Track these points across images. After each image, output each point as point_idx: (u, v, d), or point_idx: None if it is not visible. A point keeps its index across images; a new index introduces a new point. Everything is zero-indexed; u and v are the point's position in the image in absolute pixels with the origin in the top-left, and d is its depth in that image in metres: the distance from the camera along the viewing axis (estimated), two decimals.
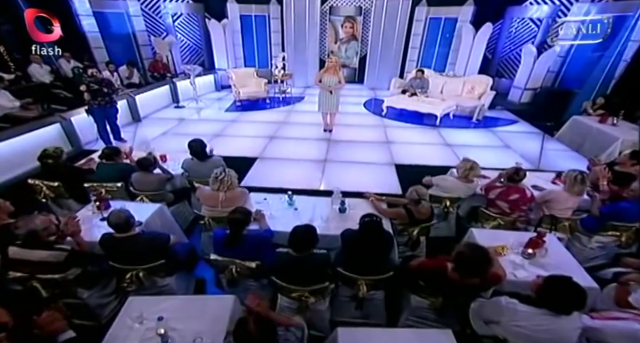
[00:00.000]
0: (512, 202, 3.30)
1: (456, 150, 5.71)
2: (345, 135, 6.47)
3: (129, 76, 8.52)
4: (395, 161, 5.27)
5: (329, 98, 6.19)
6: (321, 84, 6.10)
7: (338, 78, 6.01)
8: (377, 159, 5.36)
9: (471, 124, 7.23)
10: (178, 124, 7.06)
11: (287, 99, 9.24)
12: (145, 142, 4.56)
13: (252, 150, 5.69)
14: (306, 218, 3.21)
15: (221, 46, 10.30)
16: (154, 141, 6.04)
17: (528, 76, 8.45)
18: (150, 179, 3.67)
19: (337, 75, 6.01)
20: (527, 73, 8.49)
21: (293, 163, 5.23)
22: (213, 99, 9.20)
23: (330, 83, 6.02)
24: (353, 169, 5.04)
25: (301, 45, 10.51)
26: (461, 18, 9.85)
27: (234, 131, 6.67)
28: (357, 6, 11.18)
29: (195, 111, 8.07)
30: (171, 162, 4.41)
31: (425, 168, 5.06)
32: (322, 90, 6.20)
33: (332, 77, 6.00)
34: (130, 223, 2.52)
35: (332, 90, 6.06)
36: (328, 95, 6.15)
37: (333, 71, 5.98)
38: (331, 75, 6.00)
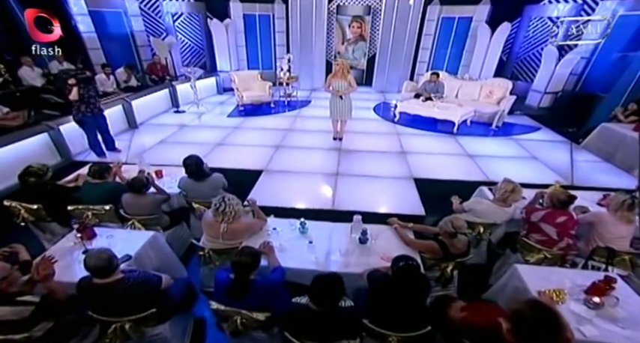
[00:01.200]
0: (560, 226, 2.84)
1: (479, 162, 5.25)
2: (356, 143, 6.02)
3: (126, 80, 8.09)
4: (413, 174, 4.82)
5: (339, 104, 5.75)
6: (331, 89, 5.67)
7: (347, 81, 5.56)
8: (393, 173, 4.91)
9: (490, 132, 6.76)
10: (178, 131, 6.62)
11: (293, 103, 8.80)
12: (139, 158, 4.10)
13: (257, 161, 5.25)
14: (321, 251, 2.77)
15: (223, 47, 9.87)
16: (151, 151, 5.63)
17: (549, 78, 7.97)
18: (143, 202, 3.24)
19: (346, 78, 5.56)
20: (548, 75, 8.01)
21: (302, 177, 4.79)
22: (215, 104, 8.77)
23: (340, 88, 5.59)
24: (368, 184, 4.59)
25: (307, 46, 10.06)
26: (476, 17, 9.38)
27: (237, 139, 6.23)
28: (365, 5, 10.72)
29: (195, 116, 7.63)
30: (167, 178, 3.98)
31: (447, 184, 4.62)
32: (332, 96, 5.76)
33: (341, 81, 5.56)
34: (112, 267, 2.08)
35: (342, 96, 5.62)
36: (338, 101, 5.71)
37: (340, 75, 5.54)
38: (339, 79, 5.56)
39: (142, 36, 9.71)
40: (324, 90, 10.65)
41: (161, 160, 5.12)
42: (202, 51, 11.15)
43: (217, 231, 2.73)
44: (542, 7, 8.98)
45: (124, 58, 9.01)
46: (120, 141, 5.96)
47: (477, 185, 4.51)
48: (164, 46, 9.40)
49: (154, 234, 2.98)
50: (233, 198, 2.71)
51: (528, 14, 9.30)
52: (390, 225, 3.07)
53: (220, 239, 2.75)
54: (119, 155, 5.47)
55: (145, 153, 5.55)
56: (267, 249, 2.67)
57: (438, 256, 2.66)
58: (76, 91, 4.72)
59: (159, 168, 4.07)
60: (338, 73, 5.53)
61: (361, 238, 2.86)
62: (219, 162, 5.11)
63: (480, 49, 9.17)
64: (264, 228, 3.04)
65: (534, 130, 6.82)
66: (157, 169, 3.99)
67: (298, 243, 2.86)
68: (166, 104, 8.06)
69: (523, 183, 4.50)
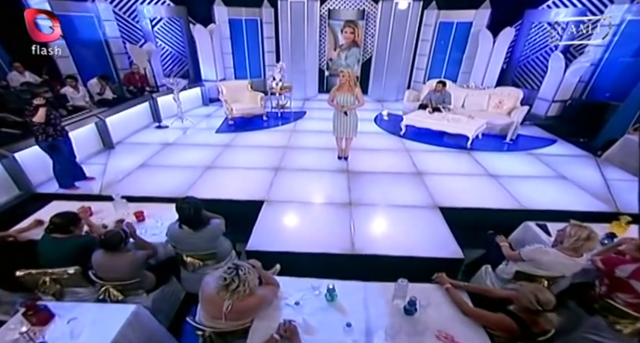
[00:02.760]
0: None
1: (505, 184, 4.70)
2: (364, 163, 5.40)
3: (101, 91, 7.27)
4: (437, 202, 4.22)
5: (344, 120, 5.13)
6: (335, 104, 5.04)
7: (354, 95, 4.95)
8: (414, 200, 4.30)
9: (503, 145, 6.26)
10: (161, 151, 5.85)
11: (286, 114, 8.13)
12: (115, 198, 3.34)
13: (255, 188, 4.55)
14: (359, 329, 2.12)
15: (208, 55, 9.12)
16: (130, 178, 4.85)
17: (557, 86, 7.57)
18: (120, 262, 2.51)
19: (353, 92, 4.95)
20: (556, 83, 7.62)
21: (310, 209, 4.11)
22: (201, 116, 8.01)
23: (345, 102, 4.97)
24: (388, 216, 3.96)
25: (299, 53, 9.40)
26: (476, 22, 8.95)
27: (229, 160, 5.51)
28: (358, 9, 10.18)
29: (180, 132, 6.86)
30: (151, 220, 3.25)
31: (478, 213, 4.05)
32: (336, 112, 5.14)
33: (347, 95, 4.95)
34: None
35: (347, 111, 5.01)
36: (343, 117, 5.10)
37: (347, 88, 4.93)
38: (346, 92, 4.94)
39: (117, 43, 8.86)
40: (316, 99, 10.27)
41: (142, 189, 4.41)
42: (184, 59, 10.36)
43: (219, 310, 2.03)
44: (544, 11, 8.63)
45: (97, 67, 8.16)
46: (93, 166, 5.16)
47: (512, 214, 4.01)
48: (142, 54, 8.62)
49: (135, 310, 2.25)
50: (249, 270, 2.02)
51: (529, 19, 8.93)
52: (437, 283, 2.46)
53: (223, 319, 2.05)
54: (92, 184, 4.67)
55: (124, 180, 4.77)
56: (290, 331, 2.00)
57: (514, 336, 2.04)
58: (44, 113, 3.92)
59: (139, 208, 3.33)
60: (344, 85, 4.91)
61: (407, 308, 2.22)
62: (211, 192, 4.42)
63: (482, 55, 8.74)
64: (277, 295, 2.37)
65: (550, 143, 6.37)
66: (136, 211, 3.24)
67: (328, 318, 2.20)
68: (147, 119, 7.25)
69: (561, 210, 4.04)
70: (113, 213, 3.33)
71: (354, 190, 4.52)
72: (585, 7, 8.00)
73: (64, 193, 4.32)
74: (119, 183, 4.67)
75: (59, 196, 4.10)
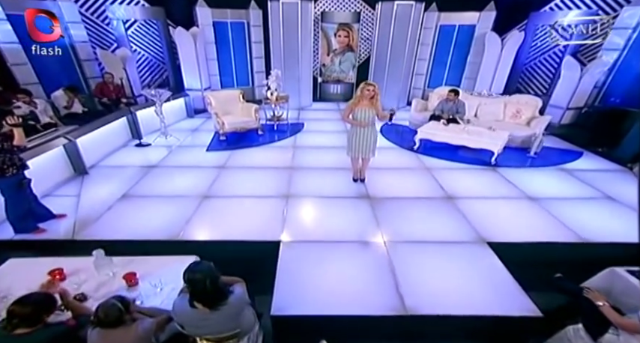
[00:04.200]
0: None
1: (551, 209, 4.17)
2: (384, 186, 4.82)
3: (68, 105, 6.40)
4: (483, 235, 3.67)
5: (363, 138, 4.53)
6: (352, 119, 4.45)
7: (375, 111, 4.38)
8: (455, 234, 3.74)
9: (529, 160, 5.82)
10: (145, 176, 5.05)
11: (282, 127, 7.46)
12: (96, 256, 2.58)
13: (267, 223, 3.87)
14: None
15: (191, 61, 8.34)
16: (111, 215, 4.04)
17: (572, 93, 7.26)
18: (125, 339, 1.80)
19: (375, 106, 4.38)
20: (570, 89, 7.32)
21: (340, 252, 3.44)
22: (187, 131, 7.22)
23: (365, 118, 4.38)
24: (430, 258, 3.36)
25: (292, 58, 8.76)
26: (480, 25, 8.62)
27: (229, 186, 4.79)
28: (353, 11, 9.68)
29: (165, 150, 6.07)
30: (146, 284, 2.53)
31: (536, 249, 3.52)
32: (353, 128, 4.54)
33: (367, 110, 4.36)
34: None
35: (366, 128, 4.43)
36: (362, 134, 4.50)
37: (368, 102, 4.35)
38: (366, 107, 4.35)
39: (85, 48, 7.93)
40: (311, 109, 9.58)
41: (128, 230, 3.70)
42: (163, 65, 9.53)
43: None
44: (549, 14, 8.38)
45: (63, 76, 7.24)
46: (62, 199, 4.33)
47: (573, 248, 3.51)
48: (116, 61, 7.78)
49: None
50: None
51: (534, 22, 8.68)
52: None
53: None
54: (62, 223, 3.86)
55: (103, 217, 3.97)
56: None
57: None
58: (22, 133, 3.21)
59: (128, 266, 2.61)
60: (366, 99, 4.33)
61: None
62: (213, 230, 3.74)
63: (489, 60, 8.40)
64: None
65: (577, 156, 5.99)
66: (127, 273, 2.51)
67: None
68: (125, 136, 6.41)
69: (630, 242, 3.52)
70: (94, 275, 2.59)
71: (383, 223, 3.92)
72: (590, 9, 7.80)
73: (24, 240, 3.50)
74: (97, 222, 3.87)
75: (17, 246, 3.30)
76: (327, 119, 8.39)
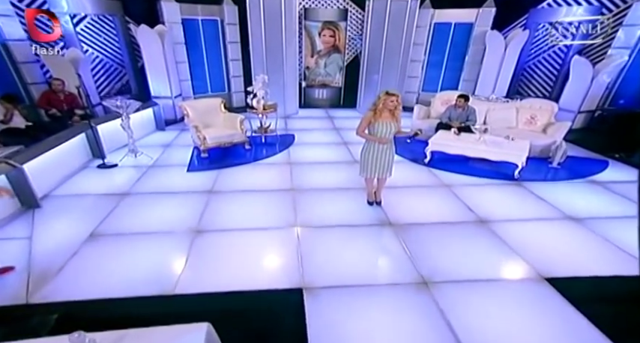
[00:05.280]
0: None
1: (600, 231, 3.93)
2: (404, 210, 4.47)
3: (5, 119, 5.63)
4: (538, 270, 3.35)
5: (380, 156, 4.17)
6: (368, 134, 4.09)
7: (396, 124, 4.05)
8: (507, 270, 3.39)
9: (554, 172, 5.67)
10: (116, 208, 4.39)
11: (271, 140, 6.98)
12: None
13: (282, 266, 3.40)
14: None
15: (158, 64, 7.70)
16: (77, 263, 3.40)
17: (584, 95, 7.30)
18: None
19: (396, 119, 4.05)
20: (582, 91, 7.36)
21: (377, 297, 3.04)
22: (159, 146, 6.58)
23: (385, 133, 4.03)
24: (488, 301, 3.02)
25: (275, 61, 8.33)
26: (479, 23, 8.60)
27: (223, 216, 4.23)
28: (340, 8, 9.43)
29: (136, 171, 5.44)
30: None
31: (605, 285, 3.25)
32: (369, 145, 4.17)
33: (389, 124, 4.01)
34: None
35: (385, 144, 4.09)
36: (380, 152, 4.14)
37: (389, 115, 4.01)
38: (388, 120, 4.00)
39: (22, 47, 6.99)
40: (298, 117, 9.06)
41: (103, 287, 3.07)
42: (122, 69, 8.82)
43: None
44: (550, 10, 8.49)
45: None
46: (7, 244, 3.64)
47: None
48: (65, 64, 7.01)
49: None
50: None
51: (534, 20, 8.79)
52: None
53: None
54: (8, 279, 3.19)
55: (67, 268, 3.33)
56: None
57: None
58: None
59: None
60: (386, 110, 3.98)
61: None
62: (217, 279, 3.19)
63: (490, 61, 8.37)
64: None
65: (604, 165, 5.91)
66: None
67: None
68: (84, 156, 5.70)
69: None
70: None
71: (417, 257, 3.53)
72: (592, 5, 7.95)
73: None
74: (60, 275, 3.22)
75: None
76: (318, 129, 8.01)
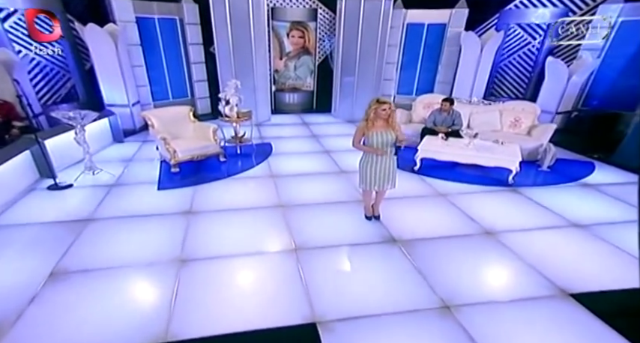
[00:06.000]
0: None
1: (609, 239, 4.00)
2: (405, 223, 4.33)
3: None
4: (559, 285, 3.29)
5: (380, 167, 4.02)
6: (365, 146, 3.93)
7: (395, 133, 3.91)
8: (527, 287, 3.27)
9: (545, 176, 5.81)
10: (79, 238, 3.87)
11: (247, 150, 6.65)
12: None
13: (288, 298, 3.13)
14: None
15: (111, 68, 7.12)
16: (34, 312, 2.93)
17: (561, 96, 7.62)
18: None
19: (393, 127, 3.92)
20: (558, 92, 7.69)
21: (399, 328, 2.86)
22: (119, 161, 6.04)
23: (384, 142, 3.88)
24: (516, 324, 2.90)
25: (244, 64, 7.99)
26: (452, 24, 8.78)
27: (210, 241, 3.84)
28: (309, 8, 9.29)
29: (98, 192, 4.91)
30: None
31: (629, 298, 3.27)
32: (367, 157, 4.01)
33: (385, 133, 3.86)
34: None
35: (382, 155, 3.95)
36: (379, 163, 3.99)
37: (384, 123, 3.87)
38: (383, 129, 3.86)
39: None
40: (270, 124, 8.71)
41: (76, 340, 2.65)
42: (66, 73, 8.11)
43: None
44: (520, 12, 8.87)
45: None
46: None
47: None
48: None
49: None
50: None
51: (504, 21, 9.11)
52: None
53: None
54: None
55: (24, 318, 2.85)
56: None
57: None
58: None
59: None
60: (380, 119, 3.83)
61: None
62: (215, 318, 2.87)
63: (467, 62, 8.55)
64: None
65: (591, 167, 6.14)
66: None
67: None
68: (30, 175, 5.07)
69: None
70: None
71: (432, 277, 3.39)
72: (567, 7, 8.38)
73: None
74: (16, 328, 2.74)
75: None
76: (296, 136, 7.79)
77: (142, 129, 7.69)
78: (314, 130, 8.29)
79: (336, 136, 7.79)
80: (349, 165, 6.00)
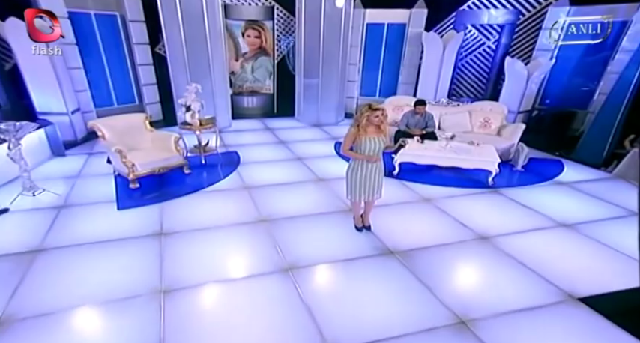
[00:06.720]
0: None
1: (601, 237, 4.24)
2: (397, 233, 4.27)
3: None
4: (567, 290, 3.38)
5: (370, 175, 3.94)
6: (356, 153, 3.85)
7: (384, 140, 3.88)
8: (534, 294, 3.30)
9: (521, 176, 6.07)
10: (27, 279, 3.34)
11: (212, 160, 6.28)
12: None
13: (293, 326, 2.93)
14: None
15: (42, 71, 6.39)
16: None
17: (521, 95, 8.06)
18: None
19: (384, 133, 3.88)
20: (519, 92, 8.11)
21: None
22: (63, 178, 5.44)
23: (376, 149, 3.83)
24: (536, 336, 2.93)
25: (201, 66, 7.60)
26: (412, 24, 9.00)
27: (192, 267, 3.52)
28: (265, 6, 9.09)
29: (40, 217, 4.36)
30: None
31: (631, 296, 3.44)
32: (356, 164, 3.92)
33: (377, 140, 3.81)
34: None
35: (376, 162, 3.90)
36: (368, 170, 3.92)
37: (376, 130, 3.81)
38: (375, 136, 3.80)
39: None
40: (231, 130, 8.32)
41: None
42: None
43: None
44: (476, 13, 9.31)
45: None
46: None
47: None
48: None
49: None
50: None
51: (462, 21, 9.51)
52: None
53: None
54: None
55: None
56: None
57: None
58: None
59: None
60: (372, 125, 3.77)
61: None
62: None
63: (430, 63, 8.79)
64: None
65: (560, 165, 6.53)
66: None
67: None
68: None
69: None
70: None
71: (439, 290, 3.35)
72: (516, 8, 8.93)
73: None
74: None
75: None
76: (262, 143, 7.55)
77: (84, 140, 7.03)
78: (280, 136, 8.08)
79: (305, 142, 7.64)
80: (326, 173, 5.90)
